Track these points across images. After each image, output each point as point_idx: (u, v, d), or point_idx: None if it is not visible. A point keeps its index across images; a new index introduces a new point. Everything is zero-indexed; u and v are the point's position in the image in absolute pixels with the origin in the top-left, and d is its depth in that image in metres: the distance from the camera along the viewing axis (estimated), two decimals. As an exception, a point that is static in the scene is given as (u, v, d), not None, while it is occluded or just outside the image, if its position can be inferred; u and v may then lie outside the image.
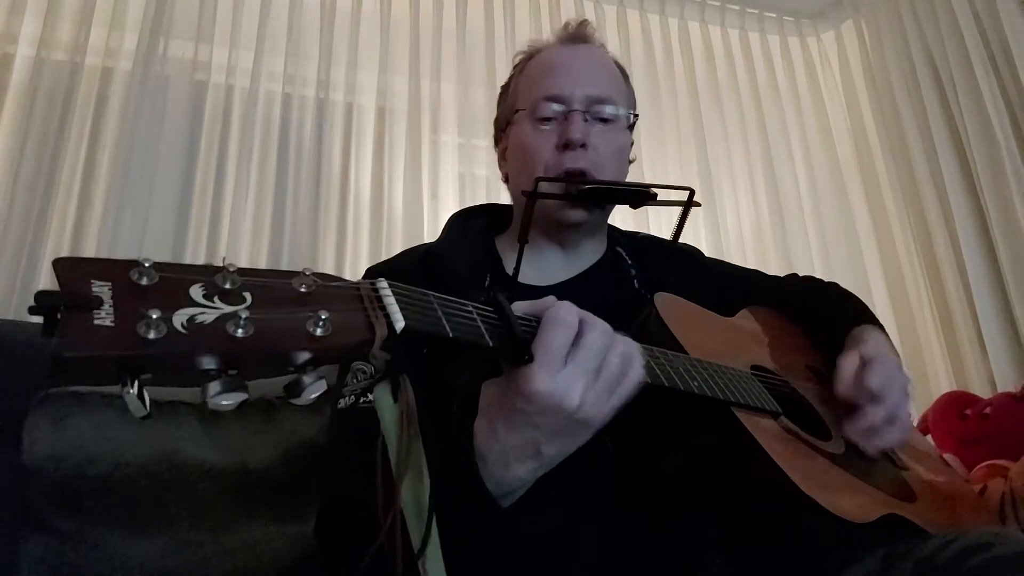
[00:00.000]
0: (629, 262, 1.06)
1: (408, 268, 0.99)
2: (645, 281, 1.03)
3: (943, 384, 2.26)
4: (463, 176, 2.20)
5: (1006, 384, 2.04)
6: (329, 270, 1.98)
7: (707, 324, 0.93)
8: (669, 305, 0.87)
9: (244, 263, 1.91)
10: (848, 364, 0.91)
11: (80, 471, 1.09)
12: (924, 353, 2.38)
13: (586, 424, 0.62)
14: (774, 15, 2.77)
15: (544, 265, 1.02)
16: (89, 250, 1.81)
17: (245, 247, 1.93)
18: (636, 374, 0.65)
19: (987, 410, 1.74)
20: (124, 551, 1.08)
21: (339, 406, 0.80)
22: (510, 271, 0.96)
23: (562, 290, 0.99)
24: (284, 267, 1.94)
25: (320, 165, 2.05)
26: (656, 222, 2.26)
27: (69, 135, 1.84)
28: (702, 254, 1.19)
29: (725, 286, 1.11)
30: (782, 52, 2.75)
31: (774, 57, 2.73)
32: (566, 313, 0.62)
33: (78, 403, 1.12)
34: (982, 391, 2.07)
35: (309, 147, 2.06)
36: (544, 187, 0.92)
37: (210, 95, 2.05)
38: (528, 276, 0.97)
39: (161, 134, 1.94)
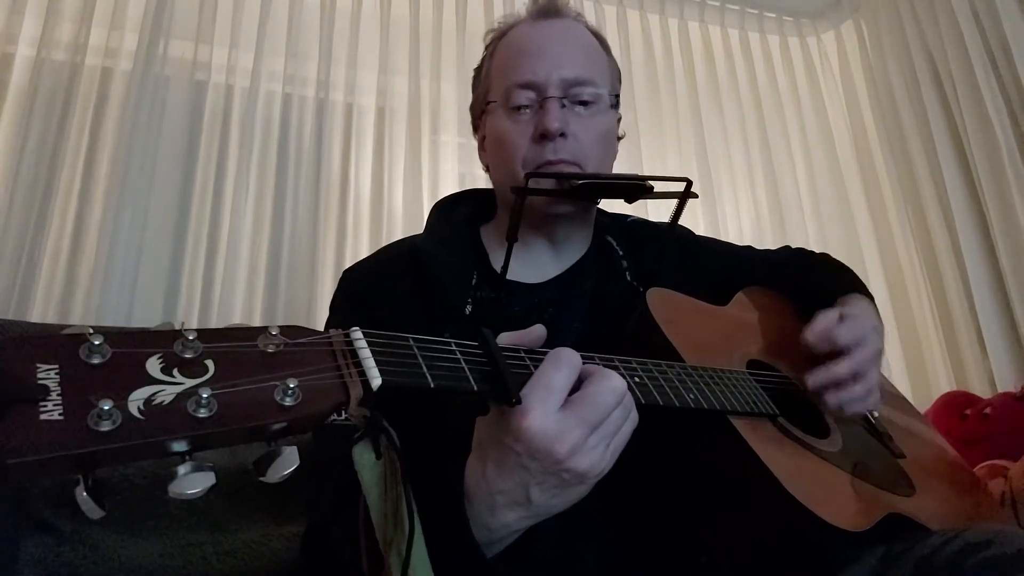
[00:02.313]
0: (620, 252, 1.01)
1: (392, 268, 0.96)
2: (637, 271, 0.99)
3: (943, 384, 2.26)
4: (463, 176, 2.20)
5: (1006, 384, 2.04)
6: (329, 270, 1.98)
7: (701, 319, 0.91)
8: (661, 303, 0.85)
9: (244, 263, 1.91)
10: (824, 317, 0.89)
11: (80, 471, 1.08)
12: (924, 353, 2.38)
13: (580, 476, 0.58)
14: (774, 15, 2.77)
15: (532, 261, 0.97)
16: (89, 250, 1.80)
17: (245, 247, 1.93)
18: (631, 425, 0.62)
19: (987, 410, 1.74)
20: (123, 552, 1.08)
21: None
22: (497, 267, 0.92)
23: (552, 287, 0.96)
24: (284, 268, 1.94)
25: (320, 165, 2.04)
26: (655, 209, 2.25)
27: (69, 135, 1.84)
28: (693, 234, 1.14)
29: (719, 266, 1.08)
30: (782, 52, 2.75)
31: (774, 57, 2.73)
32: (570, 353, 0.59)
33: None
34: (982, 391, 2.07)
35: (309, 147, 2.06)
36: (534, 182, 0.87)
37: (210, 95, 2.04)
38: (516, 273, 0.93)
39: (161, 134, 1.93)
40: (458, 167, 2.19)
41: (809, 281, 1.08)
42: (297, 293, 1.91)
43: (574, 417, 0.56)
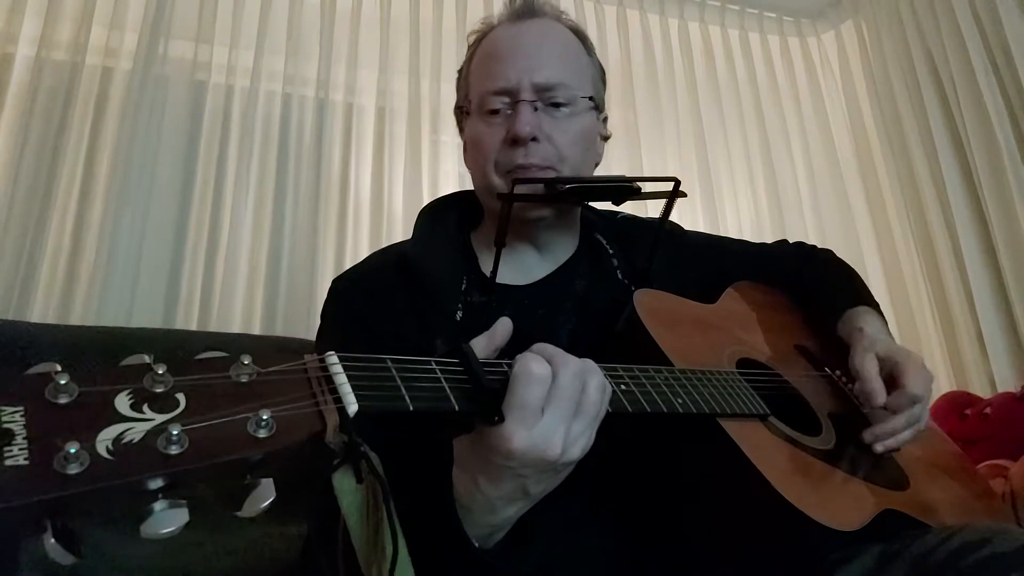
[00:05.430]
0: (610, 251, 1.00)
1: (381, 277, 0.95)
2: (628, 270, 0.98)
3: (943, 384, 2.26)
4: (463, 176, 2.20)
5: (1006, 384, 2.04)
6: (329, 270, 1.98)
7: (690, 319, 0.91)
8: (649, 304, 0.85)
9: (244, 263, 1.91)
10: (870, 369, 0.87)
11: (79, 471, 1.08)
12: (924, 353, 2.38)
13: (571, 462, 0.61)
14: (774, 15, 2.77)
15: (520, 263, 0.97)
16: (89, 250, 1.80)
17: (245, 247, 1.93)
18: (606, 402, 0.63)
19: (987, 410, 1.74)
20: (124, 551, 1.08)
21: None
22: (487, 271, 0.92)
23: (542, 288, 0.95)
24: (284, 268, 1.94)
25: (320, 165, 2.04)
26: (652, 207, 2.25)
27: (69, 135, 1.84)
28: (683, 230, 1.13)
29: (712, 261, 1.07)
30: (782, 52, 2.75)
31: (774, 57, 2.73)
32: (536, 365, 0.58)
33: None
34: (982, 391, 2.08)
35: (309, 147, 2.06)
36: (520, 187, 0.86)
37: (210, 95, 2.04)
38: (505, 276, 0.93)
39: (161, 134, 1.93)
40: (458, 167, 2.20)
41: (812, 283, 1.08)
42: (297, 293, 1.91)
43: (553, 419, 0.58)
